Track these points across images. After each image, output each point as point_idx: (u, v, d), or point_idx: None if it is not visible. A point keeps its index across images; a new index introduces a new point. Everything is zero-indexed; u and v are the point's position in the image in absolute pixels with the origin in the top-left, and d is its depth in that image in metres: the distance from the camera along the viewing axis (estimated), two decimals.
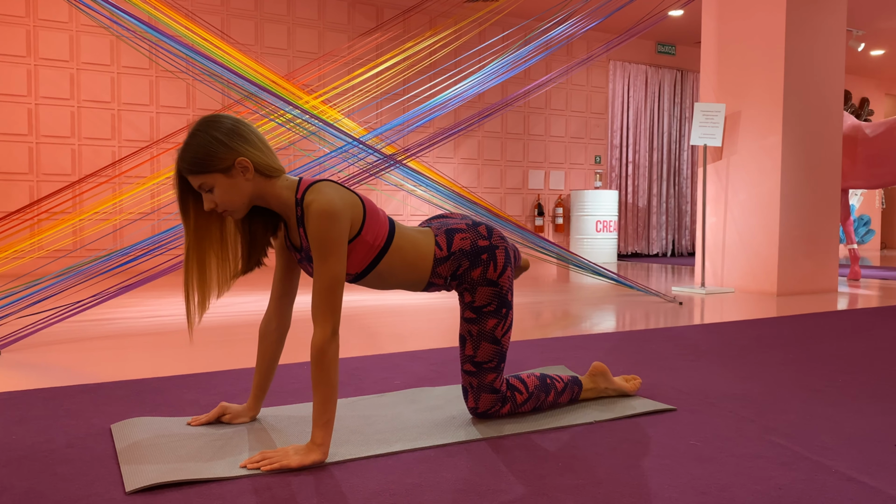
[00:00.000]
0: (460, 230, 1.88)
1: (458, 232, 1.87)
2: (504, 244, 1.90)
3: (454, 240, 1.86)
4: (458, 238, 1.86)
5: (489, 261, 1.87)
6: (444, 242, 1.85)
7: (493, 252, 1.87)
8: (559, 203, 9.13)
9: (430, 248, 1.84)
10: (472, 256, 1.86)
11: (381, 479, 1.53)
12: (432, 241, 1.85)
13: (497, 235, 1.90)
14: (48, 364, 2.69)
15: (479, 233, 1.88)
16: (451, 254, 1.85)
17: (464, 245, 1.86)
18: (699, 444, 1.78)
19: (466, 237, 1.87)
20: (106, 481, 1.50)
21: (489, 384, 1.89)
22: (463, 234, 1.87)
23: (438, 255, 1.85)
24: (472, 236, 1.87)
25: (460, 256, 1.86)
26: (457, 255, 1.86)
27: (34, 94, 6.19)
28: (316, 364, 1.63)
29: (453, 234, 1.87)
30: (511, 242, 1.97)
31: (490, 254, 1.87)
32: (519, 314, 4.14)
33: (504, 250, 1.89)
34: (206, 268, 1.73)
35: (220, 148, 1.62)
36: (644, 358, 2.83)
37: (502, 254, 1.88)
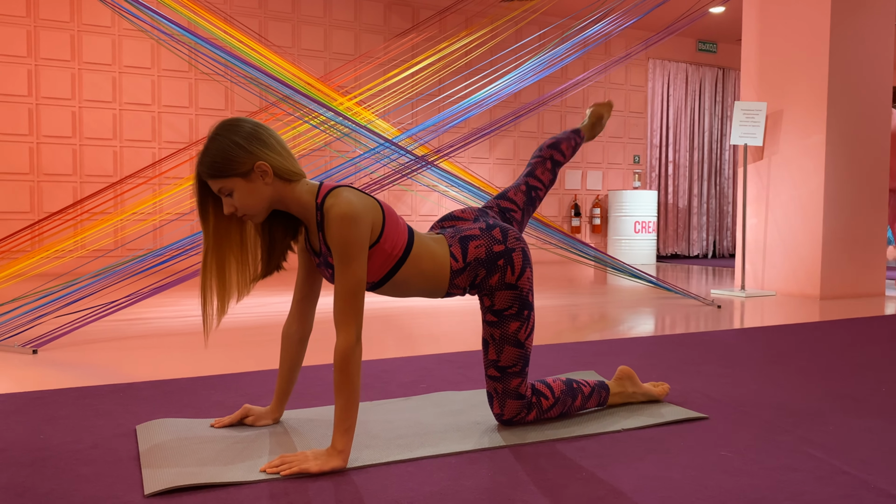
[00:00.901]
0: (474, 237, 1.84)
1: (473, 239, 1.84)
2: (520, 245, 1.87)
3: (469, 249, 1.83)
4: (473, 246, 1.83)
5: (506, 265, 1.83)
6: (460, 253, 1.82)
7: (509, 256, 1.84)
8: (597, 203, 9.02)
9: (446, 259, 1.81)
10: (489, 264, 1.83)
11: (400, 486, 1.50)
12: (447, 251, 1.82)
13: (512, 237, 1.86)
14: (82, 363, 2.73)
15: (494, 237, 1.85)
16: (467, 264, 1.82)
17: (479, 254, 1.83)
18: (731, 455, 1.72)
19: (481, 244, 1.83)
20: (127, 483, 1.50)
21: (514, 389, 1.85)
22: (477, 242, 1.84)
23: (455, 266, 1.82)
24: (486, 243, 1.84)
25: (476, 266, 1.83)
26: (473, 265, 1.82)
27: (78, 98, 6.33)
28: (340, 370, 1.61)
29: (468, 243, 1.83)
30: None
31: (507, 258, 1.84)
32: (553, 317, 4.09)
33: (521, 251, 1.86)
34: (225, 272, 1.73)
35: (239, 152, 1.62)
36: (677, 363, 2.76)
37: (520, 255, 1.85)
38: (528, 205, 2.09)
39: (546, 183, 2.14)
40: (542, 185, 2.13)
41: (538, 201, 2.14)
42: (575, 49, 5.09)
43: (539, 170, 2.14)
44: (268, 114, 5.39)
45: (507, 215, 2.02)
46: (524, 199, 2.08)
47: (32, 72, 6.17)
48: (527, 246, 1.89)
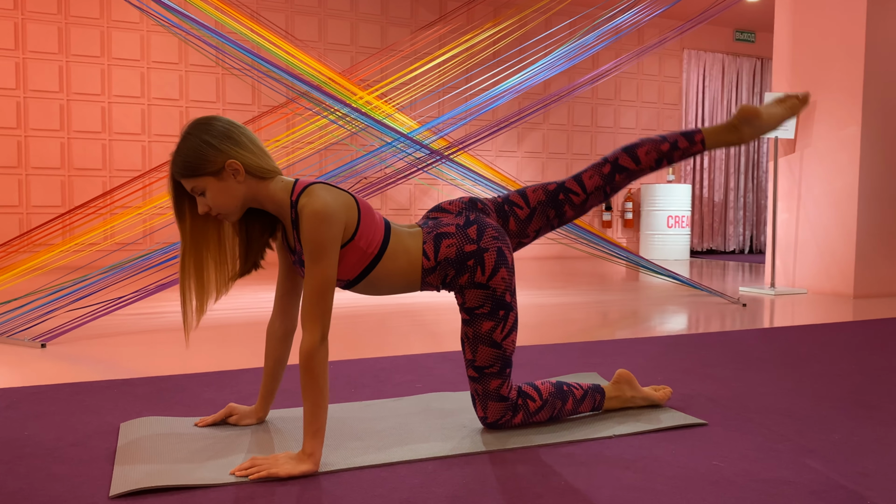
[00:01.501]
0: (448, 235, 1.79)
1: (446, 237, 1.78)
2: (497, 244, 1.80)
3: (441, 248, 1.77)
4: (445, 245, 1.78)
5: (476, 265, 1.77)
6: (432, 251, 1.77)
7: (480, 256, 1.77)
8: (628, 197, 8.86)
9: (418, 256, 1.77)
10: (458, 264, 1.77)
11: (368, 491, 1.46)
12: (420, 248, 1.77)
13: (489, 236, 1.80)
14: (87, 357, 2.75)
15: (468, 236, 1.79)
16: (437, 263, 1.77)
17: (449, 254, 1.77)
18: (722, 465, 1.63)
19: (452, 244, 1.78)
20: (96, 484, 1.49)
21: (495, 391, 1.80)
22: (450, 241, 1.78)
23: (426, 265, 1.77)
24: (458, 242, 1.78)
25: (446, 265, 1.77)
26: (443, 265, 1.77)
27: (107, 93, 6.42)
28: (304, 370, 1.58)
29: (441, 241, 1.78)
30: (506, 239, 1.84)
31: (477, 258, 1.77)
32: (574, 313, 4.00)
33: (496, 251, 1.79)
34: (203, 271, 1.72)
35: (210, 151, 1.60)
36: (689, 364, 2.67)
37: (493, 255, 1.78)
38: (547, 206, 1.88)
39: (590, 189, 1.87)
40: (582, 192, 1.87)
41: (569, 207, 1.88)
42: (605, 36, 4.97)
43: (589, 172, 1.89)
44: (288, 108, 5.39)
45: (508, 209, 1.89)
46: (543, 198, 1.88)
47: (63, 68, 6.27)
48: (506, 245, 1.82)
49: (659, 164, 1.90)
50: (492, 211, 1.90)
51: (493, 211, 1.90)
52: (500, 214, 1.90)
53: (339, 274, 1.70)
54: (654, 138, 1.91)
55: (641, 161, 1.89)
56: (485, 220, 1.83)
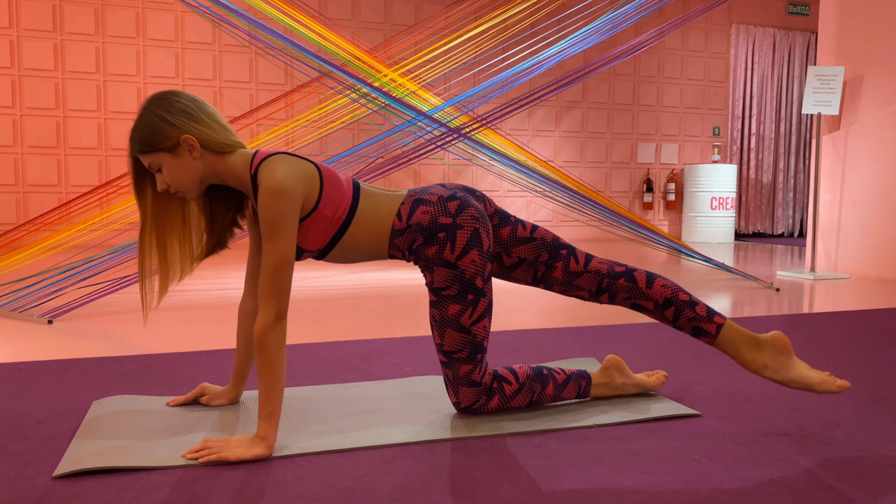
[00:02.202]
0: (427, 202, 1.71)
1: (424, 204, 1.70)
2: (475, 224, 1.70)
3: (416, 212, 1.69)
4: (420, 211, 1.69)
5: (446, 240, 1.68)
6: (406, 213, 1.70)
7: (452, 231, 1.68)
8: (671, 178, 8.59)
9: (391, 216, 1.70)
10: (428, 233, 1.68)
11: (316, 478, 1.40)
12: (396, 209, 1.70)
13: (468, 215, 1.70)
14: (88, 333, 2.76)
15: (446, 209, 1.70)
16: (408, 226, 1.69)
17: (422, 220, 1.69)
18: (705, 460, 1.52)
19: (428, 211, 1.69)
20: (45, 462, 1.46)
21: (465, 377, 1.71)
22: (426, 208, 1.70)
23: (397, 225, 1.70)
24: (434, 211, 1.69)
25: (416, 231, 1.69)
26: (413, 229, 1.69)
27: (143, 74, 6.49)
28: (258, 350, 1.53)
29: (418, 206, 1.70)
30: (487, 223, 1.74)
31: (449, 233, 1.68)
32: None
33: (471, 231, 1.69)
34: (167, 250, 1.67)
35: (164, 126, 1.56)
36: (700, 351, 2.53)
37: (466, 234, 1.68)
38: (545, 249, 1.79)
39: (591, 268, 1.77)
40: (583, 266, 1.78)
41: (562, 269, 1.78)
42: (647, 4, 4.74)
43: (601, 259, 1.80)
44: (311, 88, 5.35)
45: (512, 220, 1.81)
46: (549, 240, 1.79)
47: (100, 49, 6.36)
48: (486, 229, 1.72)
49: (666, 307, 1.76)
50: (492, 206, 1.81)
51: (493, 207, 1.81)
52: (501, 216, 1.81)
53: (309, 244, 1.65)
54: (682, 287, 1.79)
55: (653, 287, 1.77)
56: (470, 200, 1.73)
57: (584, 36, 4.88)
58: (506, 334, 2.80)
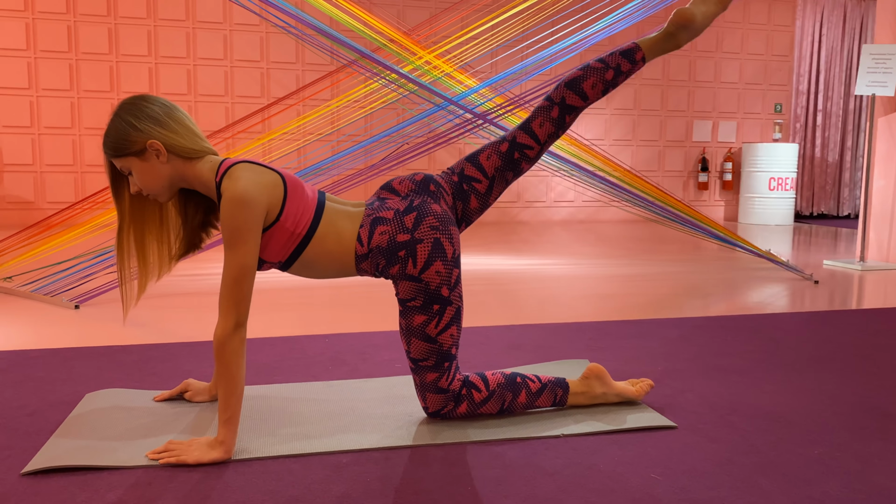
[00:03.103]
0: (384, 221, 1.70)
1: (382, 223, 1.69)
2: (434, 235, 1.68)
3: (374, 234, 1.69)
4: (378, 232, 1.69)
5: (407, 257, 1.67)
6: (366, 236, 1.69)
7: (412, 247, 1.67)
8: (728, 157, 8.30)
9: (352, 241, 1.69)
10: (388, 254, 1.68)
11: (264, 485, 1.43)
12: (356, 232, 1.70)
13: (427, 225, 1.68)
14: (109, 319, 2.88)
15: (403, 225, 1.68)
16: (370, 250, 1.69)
17: (381, 241, 1.68)
18: (661, 478, 1.49)
19: (386, 231, 1.68)
20: (20, 457, 1.54)
21: (432, 384, 1.72)
22: (384, 227, 1.69)
23: (359, 251, 1.70)
24: (392, 230, 1.68)
25: (377, 254, 1.69)
26: (374, 253, 1.69)
27: (193, 56, 6.64)
28: (217, 358, 1.57)
29: (376, 227, 1.69)
30: (451, 228, 1.72)
31: (409, 249, 1.67)
32: (616, 288, 3.80)
33: (431, 243, 1.67)
34: (146, 249, 1.73)
35: (130, 131, 1.60)
36: (701, 353, 2.46)
37: (426, 248, 1.67)
38: (504, 170, 1.78)
39: (543, 139, 1.77)
40: (536, 144, 1.77)
41: (525, 163, 1.79)
42: None
43: (538, 120, 1.77)
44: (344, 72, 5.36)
45: (467, 188, 1.79)
46: (499, 163, 1.78)
47: (152, 32, 6.53)
48: (447, 236, 1.70)
49: (605, 93, 1.80)
50: (447, 193, 1.78)
51: (448, 193, 1.79)
52: (459, 196, 1.79)
53: (269, 256, 1.67)
54: (596, 66, 1.78)
55: (589, 96, 1.79)
56: (428, 207, 1.72)
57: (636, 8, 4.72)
58: (506, 329, 2.78)
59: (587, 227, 7.19)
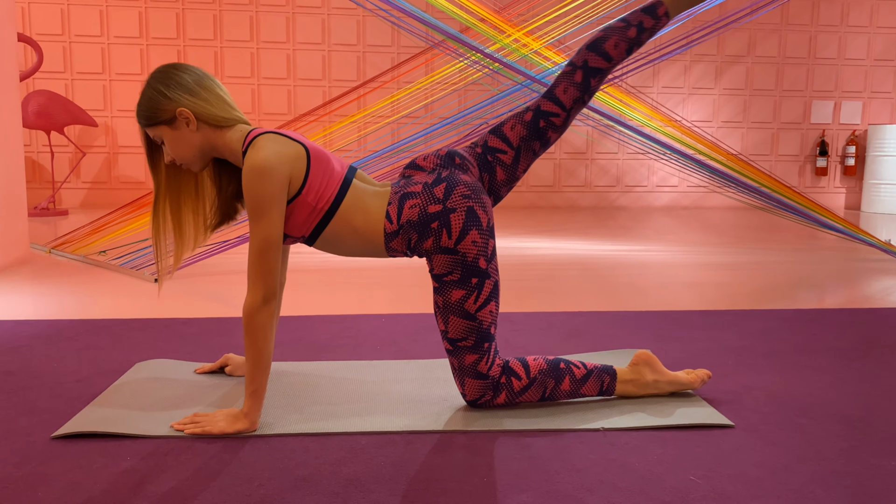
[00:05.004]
0: (413, 195, 1.62)
1: (410, 198, 1.62)
2: (467, 204, 1.59)
3: (404, 209, 1.62)
4: (408, 207, 1.61)
5: (441, 228, 1.59)
6: (395, 213, 1.62)
7: (446, 217, 1.59)
8: (852, 140, 7.66)
9: (380, 218, 1.63)
10: (421, 227, 1.60)
11: (278, 462, 1.40)
12: (384, 210, 1.63)
13: (458, 195, 1.60)
14: (185, 293, 2.96)
15: (433, 196, 1.60)
16: (400, 227, 1.62)
17: (412, 216, 1.61)
18: (701, 482, 1.34)
19: (416, 204, 1.61)
20: (56, 422, 1.58)
21: (471, 367, 1.63)
22: (413, 201, 1.61)
23: (388, 228, 1.63)
24: (422, 202, 1.61)
25: (409, 229, 1.62)
26: (405, 228, 1.62)
27: (292, 41, 6.78)
28: (245, 331, 1.56)
29: (405, 202, 1.62)
30: (481, 196, 1.63)
31: (442, 220, 1.59)
32: (713, 276, 3.56)
33: (465, 212, 1.59)
34: (181, 220, 1.73)
35: (161, 100, 1.60)
36: (782, 348, 2.24)
37: (460, 217, 1.58)
38: (530, 140, 1.68)
39: (568, 105, 1.67)
40: (562, 111, 1.67)
41: (552, 132, 1.69)
42: None
43: (561, 86, 1.67)
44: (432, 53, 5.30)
45: (491, 159, 1.69)
46: (525, 133, 1.68)
47: (254, 18, 6.72)
48: (480, 204, 1.61)
49: (629, 52, 1.68)
50: (472, 165, 1.69)
51: (473, 165, 1.69)
52: (485, 168, 1.69)
53: (291, 230, 1.63)
54: (617, 25, 1.68)
55: (613, 56, 1.68)
56: (457, 177, 1.63)
57: None
58: (571, 316, 2.64)
59: (691, 214, 6.84)
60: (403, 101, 6.40)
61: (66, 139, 6.14)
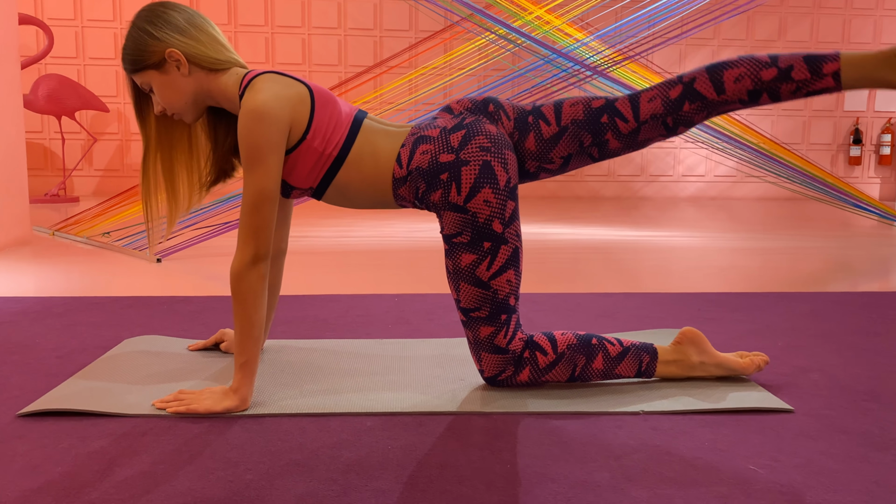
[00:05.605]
0: (428, 139, 1.44)
1: (424, 142, 1.44)
2: (483, 157, 1.39)
3: (416, 154, 1.43)
4: (420, 152, 1.43)
5: (450, 181, 1.39)
6: (406, 157, 1.44)
7: (456, 170, 1.39)
8: (887, 128, 7.36)
9: (390, 162, 1.45)
10: (429, 177, 1.41)
11: (270, 445, 1.21)
12: (396, 152, 1.45)
13: (475, 146, 1.40)
14: (186, 272, 2.80)
15: (448, 143, 1.41)
16: (409, 172, 1.44)
17: (422, 162, 1.42)
18: (762, 471, 1.14)
19: (428, 150, 1.42)
20: (26, 398, 1.41)
21: (487, 340, 1.44)
22: (426, 146, 1.43)
23: (397, 173, 1.45)
24: (435, 149, 1.42)
25: (417, 177, 1.43)
26: (413, 176, 1.43)
27: (308, 25, 6.62)
28: (233, 295, 1.38)
29: (418, 146, 1.44)
30: (507, 150, 1.43)
31: (453, 172, 1.39)
32: (735, 259, 3.34)
33: (479, 166, 1.39)
34: (174, 178, 1.56)
35: (148, 40, 1.43)
36: (834, 329, 2.02)
37: (472, 171, 1.38)
38: (582, 128, 1.42)
39: (643, 116, 1.39)
40: (633, 118, 1.40)
41: (613, 136, 1.41)
42: None
43: (651, 93, 1.40)
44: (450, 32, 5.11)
45: (532, 121, 1.46)
46: (581, 117, 1.42)
47: (269, 1, 6.56)
48: (500, 160, 1.41)
49: (755, 98, 1.35)
50: (507, 119, 1.49)
51: (509, 119, 1.49)
52: (520, 126, 1.48)
53: (298, 181, 1.45)
54: (759, 58, 1.35)
55: (726, 90, 1.35)
56: (480, 126, 1.44)
57: None
58: (600, 297, 2.44)
59: (718, 205, 6.58)
60: (421, 86, 6.21)
61: (78, 125, 6.02)
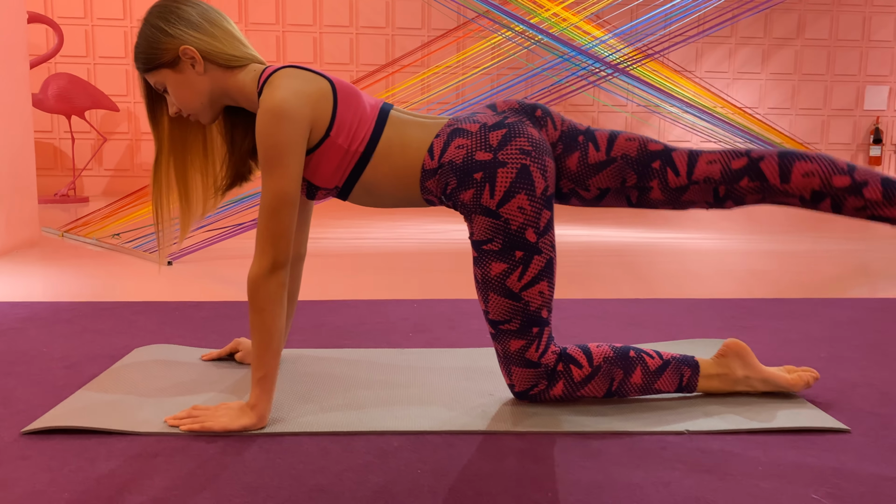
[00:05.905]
0: (465, 133, 1.35)
1: (461, 136, 1.35)
2: (522, 160, 1.30)
3: (450, 147, 1.34)
4: (455, 146, 1.34)
5: (484, 182, 1.30)
6: (439, 148, 1.35)
7: (492, 171, 1.30)
8: None
9: (421, 153, 1.36)
10: (462, 174, 1.32)
11: (289, 469, 1.13)
12: (428, 143, 1.37)
13: (516, 147, 1.31)
14: (198, 275, 2.72)
15: (486, 141, 1.32)
16: (440, 165, 1.35)
17: (456, 157, 1.33)
18: (826, 501, 1.04)
19: (464, 145, 1.33)
20: (32, 413, 1.33)
21: (517, 354, 1.35)
22: (462, 141, 1.34)
23: (427, 164, 1.36)
24: (472, 145, 1.33)
25: (448, 172, 1.34)
26: (445, 169, 1.34)
27: (319, 24, 6.55)
28: (250, 305, 1.30)
29: (453, 139, 1.35)
30: (546, 157, 1.34)
31: (488, 173, 1.30)
32: (765, 263, 3.24)
33: (517, 170, 1.30)
34: (188, 183, 1.48)
35: (161, 37, 1.35)
36: (881, 339, 1.93)
37: (509, 174, 1.29)
38: (630, 167, 1.34)
39: (697, 176, 1.32)
40: (685, 174, 1.33)
41: (659, 186, 1.34)
42: None
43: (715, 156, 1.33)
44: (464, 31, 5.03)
45: (581, 140, 1.37)
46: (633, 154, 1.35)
47: (280, 1, 6.50)
48: (539, 165, 1.32)
49: (817, 201, 1.28)
50: (553, 129, 1.40)
51: (559, 129, 1.40)
52: (566, 141, 1.39)
53: (322, 180, 1.37)
54: (837, 162, 1.28)
55: (791, 180, 1.28)
56: (522, 128, 1.35)
57: None
58: (628, 303, 2.35)
59: None
60: (433, 86, 6.13)
61: (88, 124, 5.97)
